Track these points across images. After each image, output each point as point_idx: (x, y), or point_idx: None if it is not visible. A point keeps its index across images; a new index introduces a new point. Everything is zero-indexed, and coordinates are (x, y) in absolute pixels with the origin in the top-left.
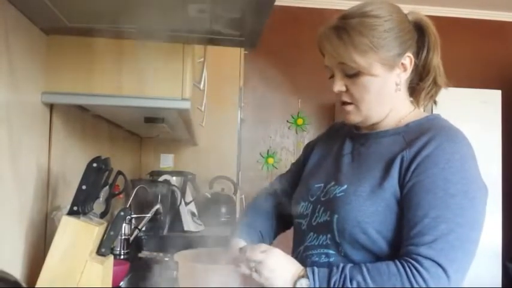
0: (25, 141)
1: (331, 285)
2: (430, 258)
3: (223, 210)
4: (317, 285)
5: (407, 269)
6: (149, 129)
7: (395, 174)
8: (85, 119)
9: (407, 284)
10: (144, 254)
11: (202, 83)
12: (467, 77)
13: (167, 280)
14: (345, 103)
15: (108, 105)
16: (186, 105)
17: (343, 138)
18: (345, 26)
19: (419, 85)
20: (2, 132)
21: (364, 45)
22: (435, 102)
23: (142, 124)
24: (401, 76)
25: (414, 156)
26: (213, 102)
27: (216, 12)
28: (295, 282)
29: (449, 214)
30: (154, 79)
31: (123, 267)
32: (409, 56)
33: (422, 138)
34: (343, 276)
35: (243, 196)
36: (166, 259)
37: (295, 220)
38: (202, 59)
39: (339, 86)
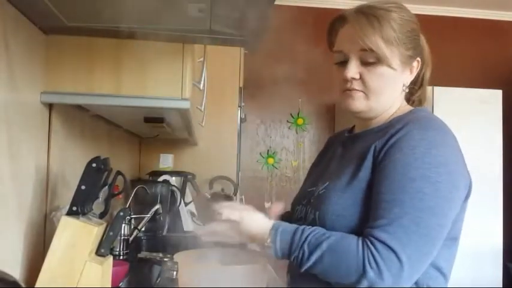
0: (24, 141)
1: (292, 256)
2: (382, 241)
3: None
4: (279, 253)
5: (365, 249)
6: (149, 129)
7: (368, 164)
8: (84, 119)
9: (360, 264)
10: (143, 254)
11: (202, 82)
12: (467, 77)
13: (167, 280)
14: (353, 90)
15: (108, 105)
16: (185, 105)
17: (337, 144)
18: (375, 14)
19: (412, 94)
20: (1, 132)
21: (391, 36)
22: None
23: (142, 124)
24: (408, 78)
25: (384, 144)
26: (213, 102)
27: (216, 12)
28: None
29: (405, 198)
30: (154, 79)
31: (123, 267)
32: (418, 61)
33: (395, 128)
34: (301, 252)
35: (243, 196)
36: (166, 259)
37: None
38: (202, 59)
39: (352, 72)
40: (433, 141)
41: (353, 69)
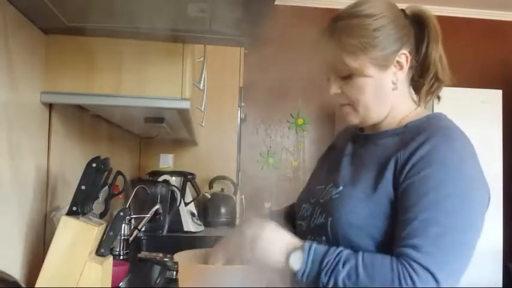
0: (24, 141)
1: (323, 264)
2: (418, 262)
3: (223, 210)
4: (309, 262)
5: (400, 269)
6: (149, 129)
7: (389, 176)
8: (84, 119)
9: (396, 283)
10: (143, 254)
11: (202, 82)
12: (467, 76)
13: (167, 280)
14: (342, 105)
15: (108, 105)
16: (185, 105)
17: (347, 140)
18: (335, 28)
19: (419, 81)
20: (1, 132)
21: (353, 46)
22: (438, 98)
23: (142, 124)
24: (397, 74)
25: (409, 157)
26: (213, 102)
27: (216, 12)
28: (289, 254)
29: (440, 216)
30: (154, 79)
31: (123, 267)
32: (404, 54)
33: (418, 139)
34: (337, 258)
35: (243, 196)
36: (166, 259)
37: (297, 222)
38: (202, 59)
39: (334, 88)
40: (461, 155)
41: (333, 86)
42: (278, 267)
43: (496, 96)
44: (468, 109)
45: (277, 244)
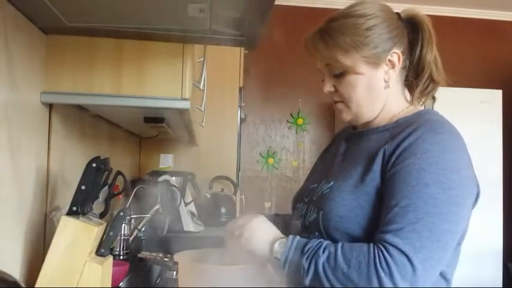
0: (24, 141)
1: (305, 250)
2: (395, 246)
3: (223, 210)
4: (292, 248)
5: (376, 252)
6: (149, 129)
7: (377, 168)
8: (84, 118)
9: (372, 265)
10: (143, 254)
11: (202, 82)
12: (467, 76)
13: (167, 280)
14: (336, 102)
15: (108, 105)
16: (185, 105)
17: (341, 140)
18: (328, 28)
19: (413, 82)
20: (1, 132)
21: (347, 44)
22: (434, 99)
23: (142, 124)
24: (389, 73)
25: (395, 148)
26: (213, 102)
27: (216, 12)
28: (273, 244)
29: (419, 203)
30: (154, 79)
31: (123, 267)
32: (396, 53)
33: (405, 131)
34: (318, 245)
35: (243, 196)
36: (166, 259)
37: (293, 222)
38: (202, 59)
39: (327, 86)
40: (446, 145)
41: (327, 84)
42: (261, 256)
43: (496, 96)
44: (468, 109)
45: (263, 234)
